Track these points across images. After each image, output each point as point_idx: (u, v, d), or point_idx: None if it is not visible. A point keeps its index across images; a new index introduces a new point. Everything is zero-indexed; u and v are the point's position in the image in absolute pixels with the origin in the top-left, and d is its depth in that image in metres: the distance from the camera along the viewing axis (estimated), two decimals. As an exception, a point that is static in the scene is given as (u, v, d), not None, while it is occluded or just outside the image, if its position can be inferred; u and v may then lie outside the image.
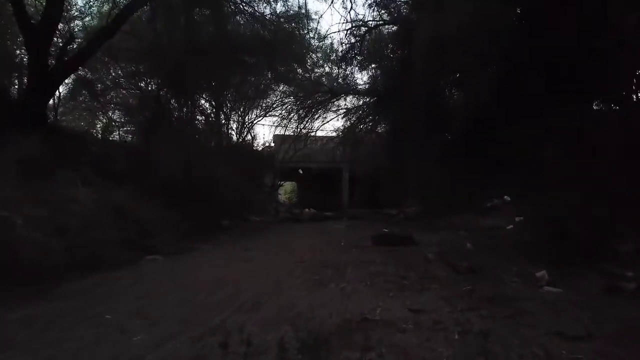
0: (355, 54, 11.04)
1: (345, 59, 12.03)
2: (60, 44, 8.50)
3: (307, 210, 14.32)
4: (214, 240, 7.10)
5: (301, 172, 19.90)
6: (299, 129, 16.10)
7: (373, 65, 12.69)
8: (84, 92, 11.00)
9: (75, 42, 8.90)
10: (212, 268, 4.17)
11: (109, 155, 7.78)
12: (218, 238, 7.47)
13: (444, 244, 5.57)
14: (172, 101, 9.54)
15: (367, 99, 13.89)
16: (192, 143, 9.38)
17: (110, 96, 10.81)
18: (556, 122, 6.03)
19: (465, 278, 3.28)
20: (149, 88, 9.48)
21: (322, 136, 17.41)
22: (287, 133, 16.86)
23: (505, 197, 8.01)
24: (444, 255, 4.52)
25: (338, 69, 13.37)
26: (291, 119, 15.62)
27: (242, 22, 10.71)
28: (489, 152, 8.83)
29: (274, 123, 16.57)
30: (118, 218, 5.58)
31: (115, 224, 5.33)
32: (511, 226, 6.44)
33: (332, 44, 14.53)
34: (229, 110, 14.12)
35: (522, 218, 6.58)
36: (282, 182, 21.06)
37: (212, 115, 13.10)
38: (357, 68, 12.83)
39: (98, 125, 10.96)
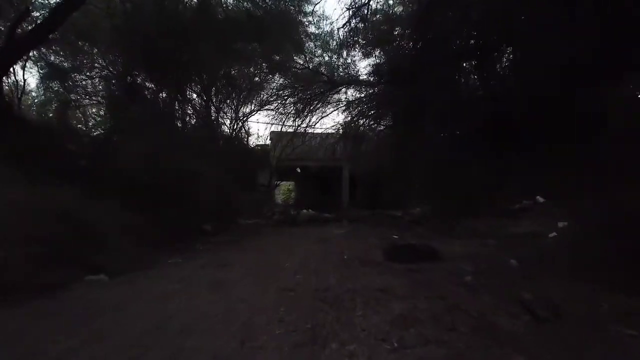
0: (358, 25, 9.64)
1: (346, 44, 10.73)
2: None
3: (304, 211, 13.04)
4: (188, 251, 5.83)
5: (299, 170, 18.69)
6: (296, 124, 14.88)
7: (377, 53, 11.42)
8: (51, 78, 9.78)
9: (30, 17, 7.64)
10: (161, 300, 2.91)
11: (63, 147, 6.50)
12: (195, 248, 6.21)
13: (477, 258, 4.32)
14: (148, 87, 8.25)
15: (370, 90, 12.62)
16: (170, 136, 8.09)
17: (78, 81, 9.51)
18: (613, 100, 4.79)
19: (552, 329, 2.02)
20: (121, 73, 8.15)
21: (321, 133, 16.24)
22: (284, 129, 15.68)
23: (538, 197, 6.75)
24: (487, 278, 3.27)
25: (338, 56, 12.09)
26: (289, 114, 14.37)
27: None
28: (515, 143, 7.59)
29: (269, 116, 15.32)
30: (54, 225, 4.31)
31: (46, 233, 4.07)
32: (554, 233, 5.19)
33: (331, 30, 13.37)
34: (219, 102, 12.85)
35: (566, 223, 5.34)
36: (279, 182, 19.84)
37: (201, 106, 11.84)
38: (360, 53, 11.55)
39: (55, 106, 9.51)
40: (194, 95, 10.69)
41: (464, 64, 8.62)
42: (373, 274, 3.45)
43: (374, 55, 11.46)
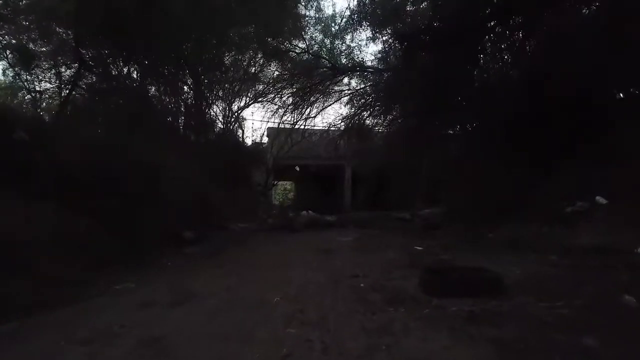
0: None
1: (352, 22, 9.34)
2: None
3: (304, 213, 11.59)
4: (150, 268, 4.43)
5: (298, 169, 17.30)
6: (294, 117, 13.49)
7: (384, 38, 9.97)
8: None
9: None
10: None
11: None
12: (161, 263, 4.80)
13: (557, 288, 2.91)
14: (111, 62, 6.76)
15: (378, 77, 11.23)
16: (139, 124, 6.66)
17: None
18: None
19: None
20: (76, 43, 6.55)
21: (322, 129, 14.90)
22: (282, 125, 14.31)
23: (598, 197, 5.34)
24: (617, 337, 1.87)
25: (342, 39, 10.71)
26: (287, 106, 12.97)
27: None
28: (562, 131, 6.17)
29: (265, 109, 13.89)
30: None
31: None
32: (644, 248, 3.80)
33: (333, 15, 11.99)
34: (209, 92, 11.39)
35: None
36: (276, 181, 18.43)
37: (186, 93, 10.40)
38: (366, 34, 10.17)
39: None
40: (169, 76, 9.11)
41: (493, 38, 7.19)
42: (417, 330, 2.03)
43: (382, 37, 10.03)
